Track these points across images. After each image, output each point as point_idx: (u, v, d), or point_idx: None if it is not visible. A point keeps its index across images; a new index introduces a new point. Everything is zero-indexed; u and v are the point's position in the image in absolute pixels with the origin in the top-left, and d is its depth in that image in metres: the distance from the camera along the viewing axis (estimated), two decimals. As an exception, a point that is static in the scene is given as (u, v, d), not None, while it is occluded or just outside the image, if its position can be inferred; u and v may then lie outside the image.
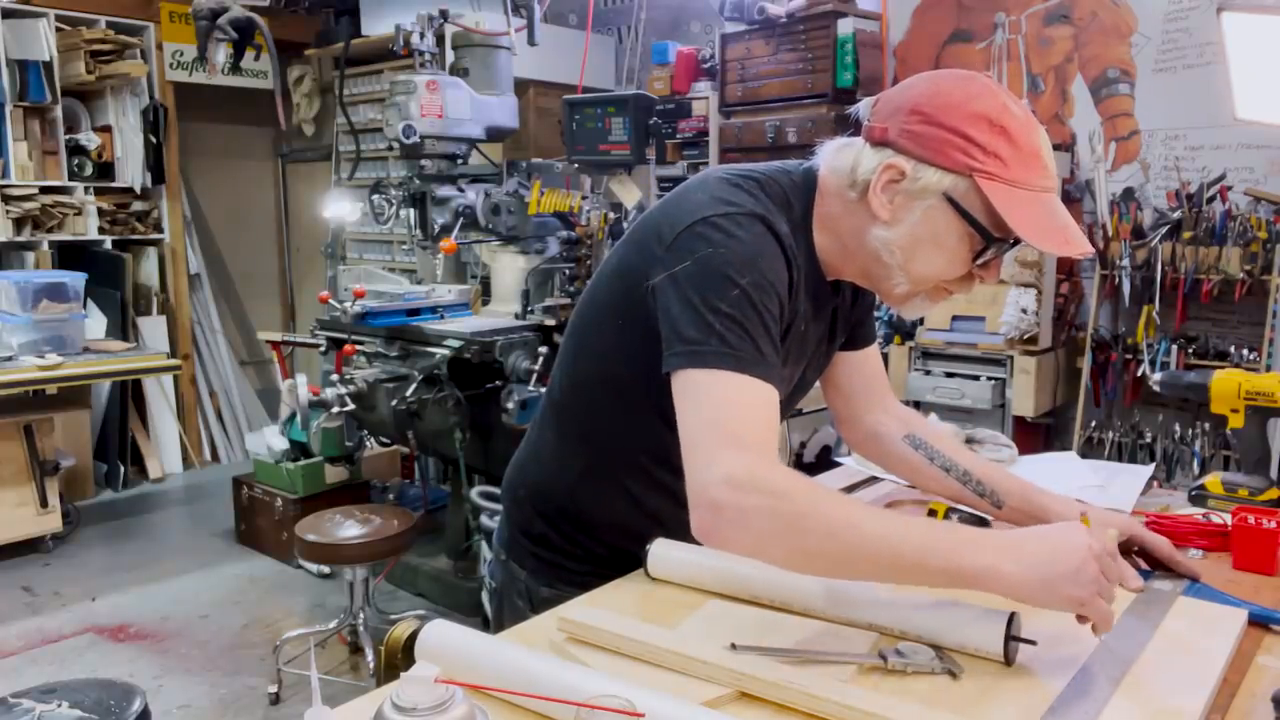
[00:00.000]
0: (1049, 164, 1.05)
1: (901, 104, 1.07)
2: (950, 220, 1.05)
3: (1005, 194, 1.02)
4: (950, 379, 3.51)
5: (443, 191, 3.32)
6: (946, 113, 1.03)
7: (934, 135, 1.03)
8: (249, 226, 6.20)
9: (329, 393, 3.09)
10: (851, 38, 3.77)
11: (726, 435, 0.98)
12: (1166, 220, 3.26)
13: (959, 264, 1.08)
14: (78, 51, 4.77)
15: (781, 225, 1.09)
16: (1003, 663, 0.97)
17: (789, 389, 1.22)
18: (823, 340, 1.26)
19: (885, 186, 1.06)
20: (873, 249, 1.10)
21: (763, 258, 1.05)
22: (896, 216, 1.07)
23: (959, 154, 1.02)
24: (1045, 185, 1.05)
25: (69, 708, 1.66)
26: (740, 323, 1.01)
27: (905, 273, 1.10)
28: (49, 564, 4.06)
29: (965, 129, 1.02)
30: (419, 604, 3.63)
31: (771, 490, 0.94)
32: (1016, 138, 1.02)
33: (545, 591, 1.28)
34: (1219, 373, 1.50)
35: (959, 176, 1.03)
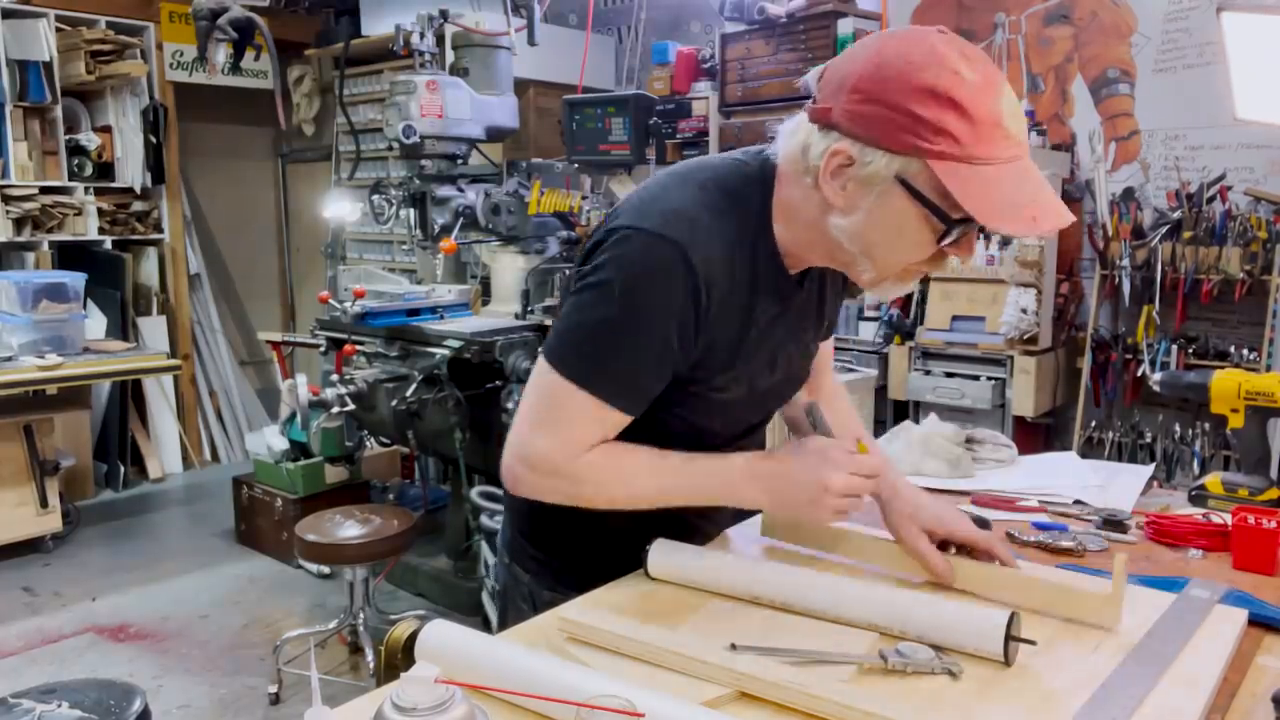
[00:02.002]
0: (1012, 129, 0.95)
1: (844, 80, 0.98)
2: (906, 204, 0.97)
3: (960, 174, 0.94)
4: (950, 379, 3.51)
5: (443, 191, 3.32)
6: (889, 89, 0.94)
7: (878, 115, 0.95)
8: (249, 226, 6.20)
9: (329, 393, 3.09)
10: (851, 38, 3.76)
11: (543, 423, 1.10)
12: (1166, 220, 3.26)
13: (924, 246, 1.01)
14: (78, 51, 4.77)
15: (696, 236, 1.05)
16: (1002, 663, 0.97)
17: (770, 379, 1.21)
18: (801, 330, 1.23)
19: (835, 173, 1.00)
20: (834, 237, 1.04)
21: (650, 286, 1.05)
22: (851, 203, 1.00)
23: (906, 134, 0.94)
24: (1010, 154, 0.95)
25: (69, 708, 1.66)
26: (596, 344, 1.07)
27: (869, 259, 1.04)
28: (49, 564, 4.06)
29: (910, 106, 0.93)
30: (419, 604, 3.63)
31: (567, 477, 1.10)
32: (970, 108, 0.93)
33: (547, 595, 1.28)
34: (1219, 373, 1.50)
35: (909, 158, 0.95)
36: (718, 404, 1.16)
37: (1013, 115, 0.96)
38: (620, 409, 1.09)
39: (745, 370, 1.15)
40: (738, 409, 1.21)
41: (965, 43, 0.98)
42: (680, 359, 1.09)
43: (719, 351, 1.11)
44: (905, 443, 1.74)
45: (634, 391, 1.09)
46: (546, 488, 1.13)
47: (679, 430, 1.16)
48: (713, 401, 1.16)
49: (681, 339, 1.07)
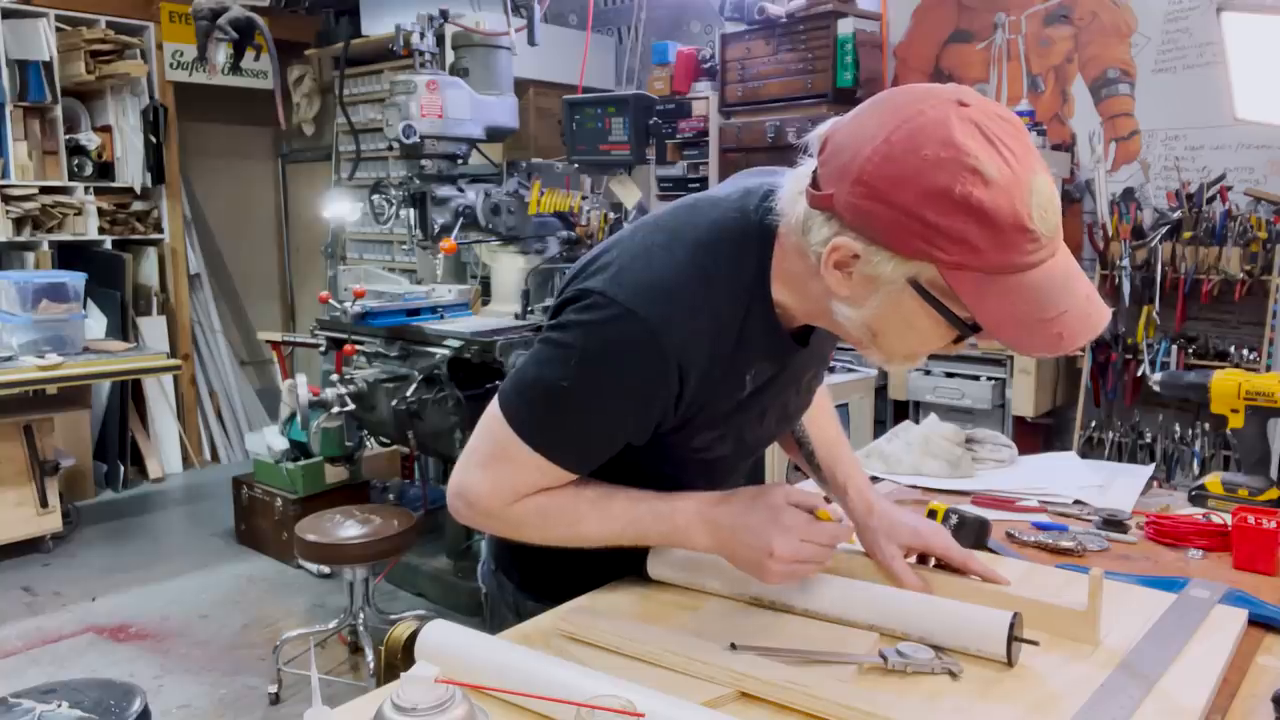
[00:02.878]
0: (1040, 228, 0.82)
1: (847, 167, 0.86)
2: (919, 305, 0.88)
3: (978, 284, 0.83)
4: (950, 379, 3.51)
5: (443, 191, 3.31)
6: (897, 190, 0.83)
7: (885, 216, 0.84)
8: (249, 226, 6.20)
9: (329, 393, 3.09)
10: (851, 38, 3.77)
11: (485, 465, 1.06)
12: (1166, 220, 3.26)
13: (937, 341, 0.93)
14: (78, 51, 4.77)
15: (676, 328, 0.96)
16: (1005, 663, 0.97)
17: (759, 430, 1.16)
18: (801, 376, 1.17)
19: (839, 264, 0.89)
20: (838, 321, 0.95)
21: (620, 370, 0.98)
22: (858, 297, 0.90)
23: (917, 240, 0.83)
24: (1036, 258, 0.83)
25: (69, 708, 1.66)
26: (548, 406, 1.02)
27: (879, 349, 0.95)
28: (49, 564, 4.06)
29: (921, 211, 0.82)
30: (419, 604, 3.63)
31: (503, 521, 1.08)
32: (990, 212, 0.81)
33: (532, 605, 1.24)
34: (1219, 373, 1.50)
35: (923, 263, 0.85)
36: (700, 464, 1.12)
37: (1043, 210, 0.83)
38: (567, 468, 1.04)
39: (733, 432, 1.11)
40: (726, 463, 1.17)
41: (991, 114, 0.85)
42: (645, 433, 1.04)
43: (702, 418, 1.06)
44: (905, 443, 1.74)
45: (583, 455, 1.04)
46: (485, 526, 1.11)
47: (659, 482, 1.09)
48: (695, 462, 1.12)
49: (643, 418, 1.02)
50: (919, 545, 1.17)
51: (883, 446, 1.77)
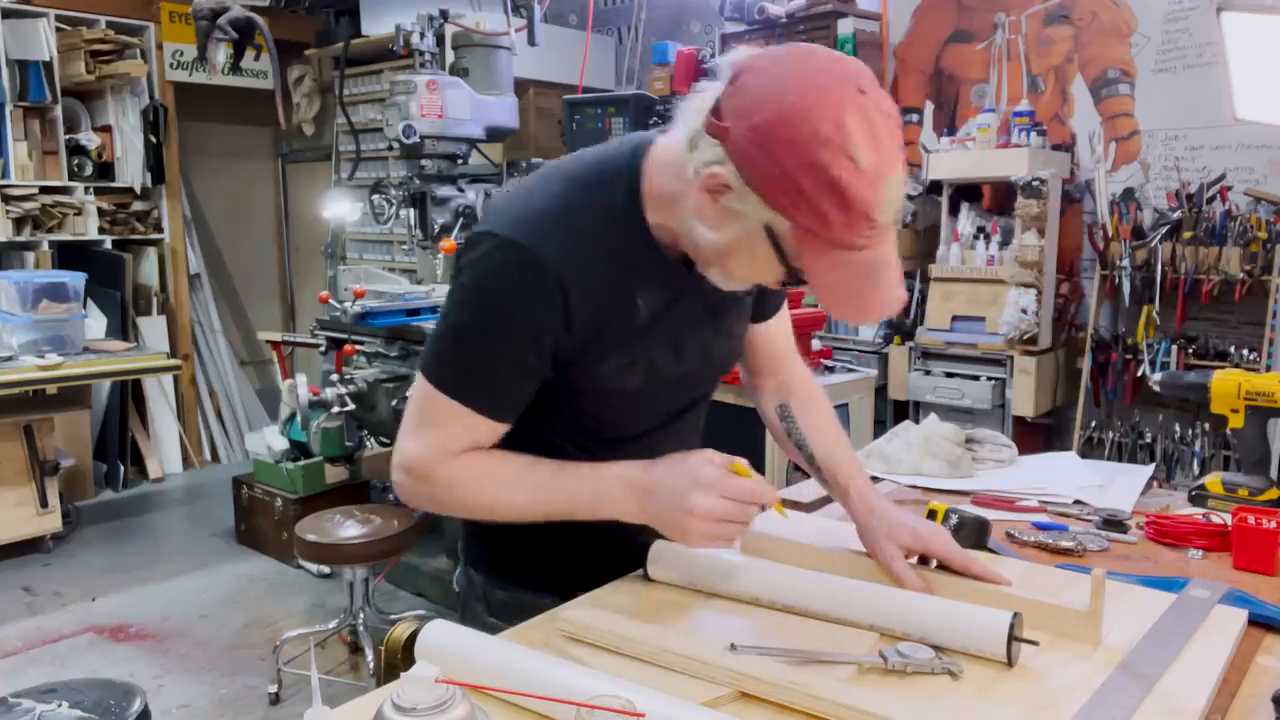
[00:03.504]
0: (882, 220, 0.93)
1: (749, 111, 0.93)
2: (765, 247, 0.97)
3: (819, 251, 0.94)
4: (950, 379, 3.51)
5: (443, 191, 3.31)
6: (784, 150, 0.91)
7: (766, 166, 0.92)
8: (249, 226, 6.20)
9: (329, 393, 3.08)
10: (851, 38, 3.77)
11: (416, 429, 1.12)
12: (1166, 220, 3.26)
13: (771, 279, 1.03)
14: (78, 51, 4.77)
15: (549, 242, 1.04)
16: (1005, 663, 0.97)
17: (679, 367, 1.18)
18: (715, 313, 1.20)
19: (709, 192, 0.97)
20: (691, 236, 1.03)
21: (502, 292, 1.06)
22: (718, 222, 0.99)
23: (784, 198, 0.92)
24: (868, 244, 0.94)
25: (69, 708, 1.66)
26: (455, 351, 1.10)
27: (719, 267, 1.04)
28: (49, 564, 4.06)
29: (797, 175, 0.91)
30: (419, 604, 3.63)
31: (437, 483, 1.11)
32: (851, 197, 0.90)
33: (500, 594, 1.28)
34: (1219, 373, 1.50)
35: (781, 215, 0.94)
36: (614, 396, 1.15)
37: (889, 204, 0.93)
38: (488, 415, 1.09)
39: (642, 359, 1.13)
40: (638, 399, 1.17)
41: (879, 108, 0.93)
42: (546, 360, 1.09)
43: (602, 344, 1.10)
44: (905, 443, 1.74)
45: (498, 398, 1.10)
46: (423, 495, 1.14)
47: (590, 426, 1.17)
48: (608, 395, 1.15)
49: (541, 340, 1.07)
50: (919, 547, 1.17)
51: (883, 446, 1.77)
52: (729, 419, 2.82)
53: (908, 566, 1.15)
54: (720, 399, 2.93)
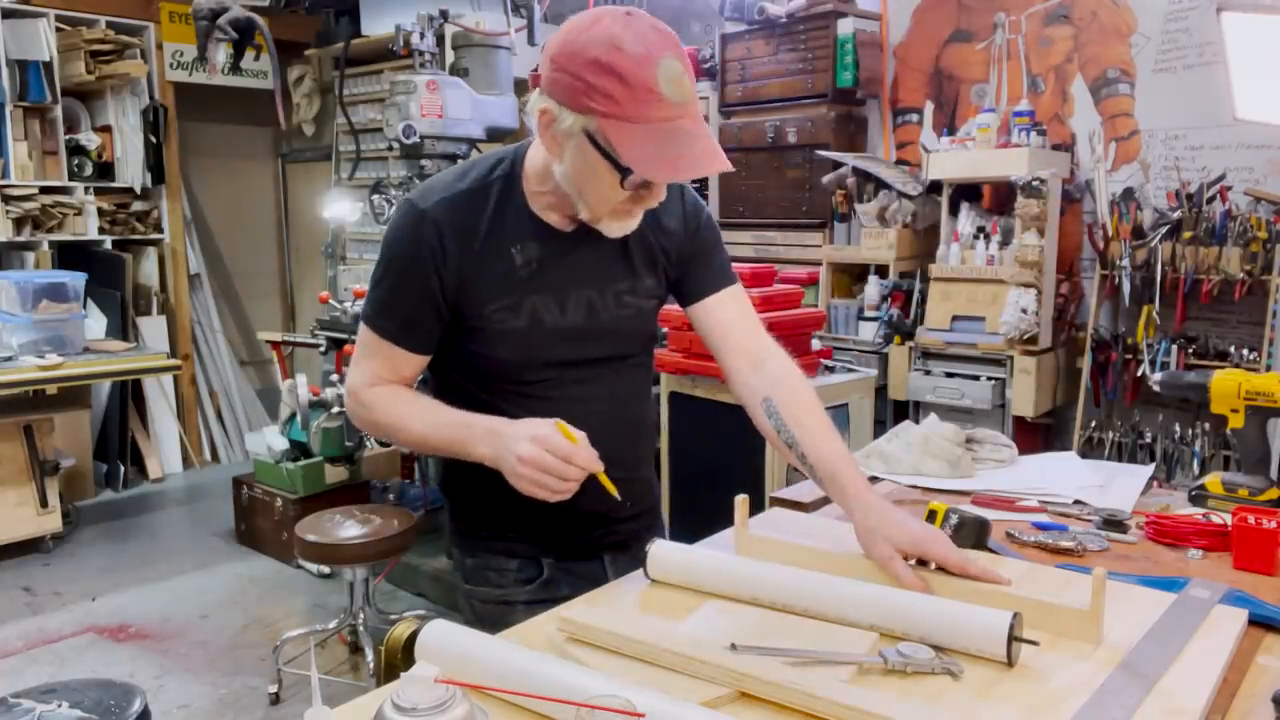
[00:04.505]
0: (667, 93, 1.12)
1: (548, 53, 1.19)
2: (592, 153, 1.16)
3: (621, 131, 1.13)
4: (950, 379, 3.51)
5: (443, 191, 3.31)
6: (570, 59, 1.14)
7: (564, 81, 1.14)
8: (249, 226, 6.20)
9: (329, 393, 3.09)
10: (851, 38, 3.77)
11: (356, 361, 1.38)
12: (1166, 220, 3.26)
13: (615, 189, 1.20)
14: (78, 51, 4.77)
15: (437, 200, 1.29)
16: (1005, 663, 0.97)
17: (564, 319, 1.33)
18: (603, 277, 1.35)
19: (545, 128, 1.20)
20: (557, 182, 1.25)
21: (396, 240, 1.31)
22: (560, 152, 1.21)
23: (582, 96, 1.13)
24: (664, 115, 1.13)
25: (69, 708, 1.66)
26: (374, 294, 1.35)
27: (581, 199, 1.24)
28: (49, 564, 4.06)
29: (582, 73, 1.12)
30: (419, 604, 3.63)
31: (363, 402, 1.36)
32: (627, 76, 1.10)
33: (470, 561, 1.45)
34: (1219, 373, 1.50)
35: (589, 116, 1.14)
36: (500, 334, 1.31)
37: (670, 82, 1.12)
38: (399, 344, 1.33)
39: (524, 303, 1.31)
40: (524, 339, 1.32)
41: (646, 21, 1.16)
42: (434, 293, 1.29)
43: (484, 285, 1.30)
44: (905, 443, 1.74)
45: (403, 327, 1.33)
46: (355, 414, 1.38)
47: (485, 368, 1.34)
48: (496, 332, 1.31)
49: (426, 275, 1.29)
50: (916, 551, 1.16)
51: (883, 446, 1.77)
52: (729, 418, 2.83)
53: (906, 567, 1.15)
54: (719, 399, 2.94)
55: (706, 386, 2.96)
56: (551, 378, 1.35)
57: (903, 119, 4.09)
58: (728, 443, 2.88)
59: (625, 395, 1.42)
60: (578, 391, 1.36)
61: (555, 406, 1.28)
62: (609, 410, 1.37)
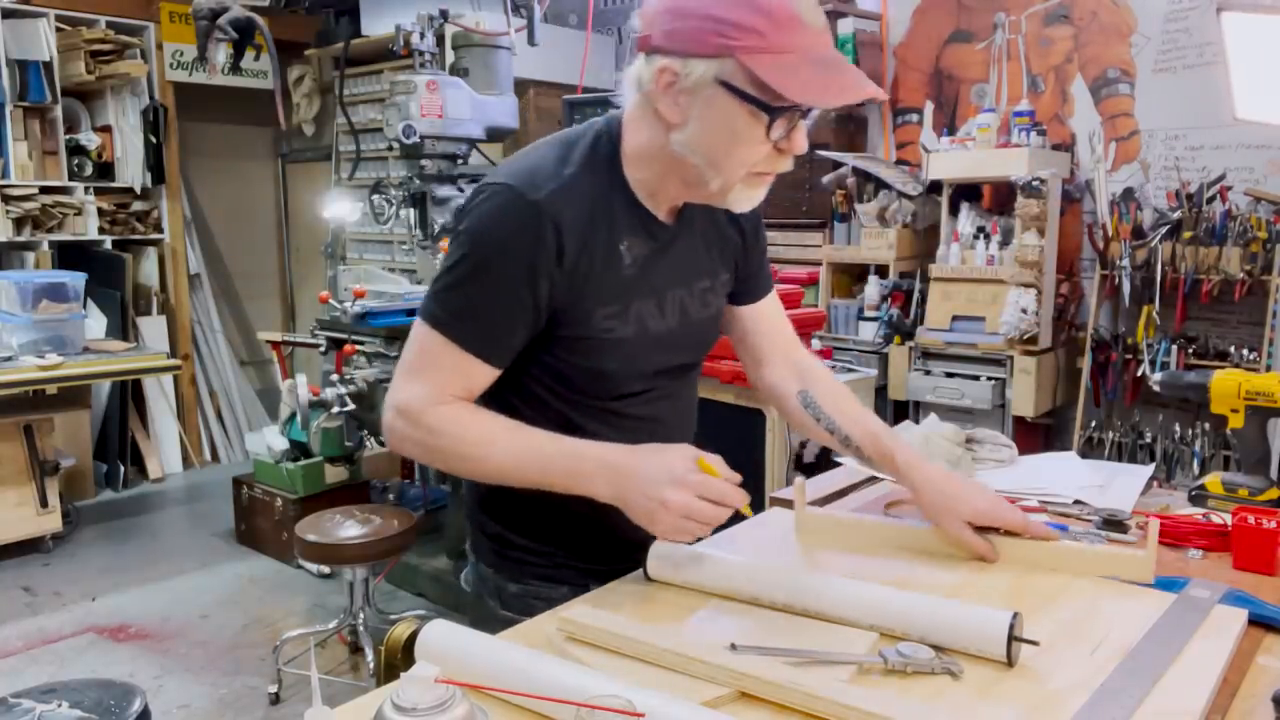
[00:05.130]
0: (810, 21, 1.06)
1: (658, 8, 1.09)
2: (730, 103, 1.06)
3: (769, 63, 1.03)
4: (950, 379, 3.51)
5: (443, 191, 3.31)
6: (696, 1, 1.05)
7: (689, 28, 1.05)
8: (249, 226, 6.20)
9: (329, 393, 3.08)
10: (851, 38, 3.77)
11: (411, 372, 1.18)
12: (1166, 220, 3.26)
13: (756, 143, 1.09)
14: (78, 51, 4.77)
15: (543, 187, 1.13)
16: (1005, 663, 0.97)
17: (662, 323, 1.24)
18: (690, 275, 1.27)
19: (665, 90, 1.09)
20: (678, 155, 1.12)
21: (494, 231, 1.13)
22: (685, 115, 1.09)
23: (716, 38, 1.04)
24: (809, 44, 1.05)
25: (69, 708, 1.66)
26: (452, 292, 1.16)
27: (712, 168, 1.12)
28: (49, 564, 4.06)
29: (715, 12, 1.04)
30: (419, 604, 3.63)
31: (425, 426, 1.15)
32: (766, 5, 1.03)
33: (513, 588, 1.31)
34: (1219, 373, 1.50)
35: (723, 59, 1.04)
36: (609, 344, 1.20)
37: (810, 13, 1.06)
38: (480, 356, 1.15)
39: (631, 308, 1.20)
40: (631, 349, 1.22)
41: None
42: (541, 301, 1.14)
43: (593, 289, 1.16)
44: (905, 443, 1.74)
45: (491, 338, 1.16)
46: (411, 439, 1.18)
47: (577, 380, 1.21)
48: (603, 342, 1.19)
49: (536, 278, 1.13)
50: (984, 521, 1.23)
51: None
52: (729, 418, 2.83)
53: (974, 535, 1.23)
54: (720, 399, 2.93)
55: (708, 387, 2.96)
56: (641, 390, 1.26)
57: (903, 119, 4.09)
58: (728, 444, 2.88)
59: (692, 403, 1.39)
60: (661, 403, 1.29)
61: (636, 419, 1.22)
62: (683, 420, 1.34)
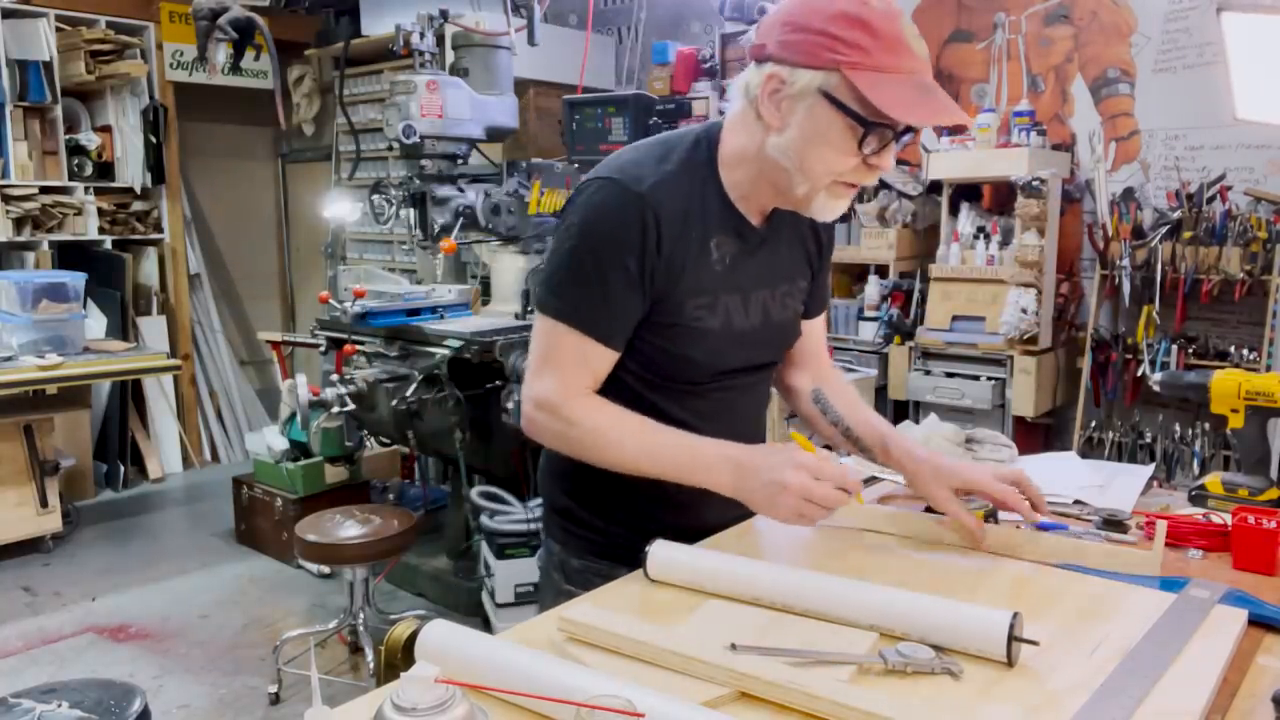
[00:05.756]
0: (913, 47, 1.15)
1: (775, 20, 1.19)
2: (830, 115, 1.15)
3: (871, 79, 1.12)
4: (950, 379, 3.51)
5: (443, 191, 3.32)
6: (811, 17, 1.14)
7: (802, 40, 1.15)
8: (249, 226, 6.20)
9: (329, 393, 3.09)
10: (851, 38, 3.76)
11: (542, 366, 1.28)
12: (1166, 220, 3.26)
13: (847, 154, 1.18)
14: (78, 51, 4.77)
15: (646, 180, 1.23)
16: (1005, 663, 0.97)
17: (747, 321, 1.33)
18: (775, 278, 1.36)
19: (770, 96, 1.18)
20: (773, 158, 1.21)
21: (604, 220, 1.23)
22: (785, 121, 1.19)
23: (826, 51, 1.13)
24: (910, 67, 1.14)
25: (69, 708, 1.66)
26: (568, 283, 1.25)
27: (802, 173, 1.20)
28: (49, 564, 4.06)
29: (828, 28, 1.13)
30: (419, 604, 3.63)
31: (564, 418, 1.25)
32: (876, 27, 1.12)
33: (576, 563, 1.40)
34: (1219, 373, 1.50)
35: (829, 72, 1.13)
36: (697, 333, 1.29)
37: (913, 39, 1.15)
38: (601, 340, 1.25)
39: (719, 301, 1.29)
40: (716, 341, 1.31)
41: None
42: (645, 285, 1.24)
43: (686, 279, 1.26)
44: (905, 443, 1.74)
45: (609, 320, 1.25)
46: (550, 430, 1.28)
47: (665, 367, 1.30)
48: (692, 330, 1.28)
49: (641, 265, 1.23)
50: (966, 488, 1.31)
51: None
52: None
53: (962, 506, 1.29)
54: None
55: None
56: (720, 380, 1.34)
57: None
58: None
59: (765, 398, 1.49)
60: (736, 395, 1.37)
61: (713, 407, 1.32)
62: (756, 412, 1.44)
